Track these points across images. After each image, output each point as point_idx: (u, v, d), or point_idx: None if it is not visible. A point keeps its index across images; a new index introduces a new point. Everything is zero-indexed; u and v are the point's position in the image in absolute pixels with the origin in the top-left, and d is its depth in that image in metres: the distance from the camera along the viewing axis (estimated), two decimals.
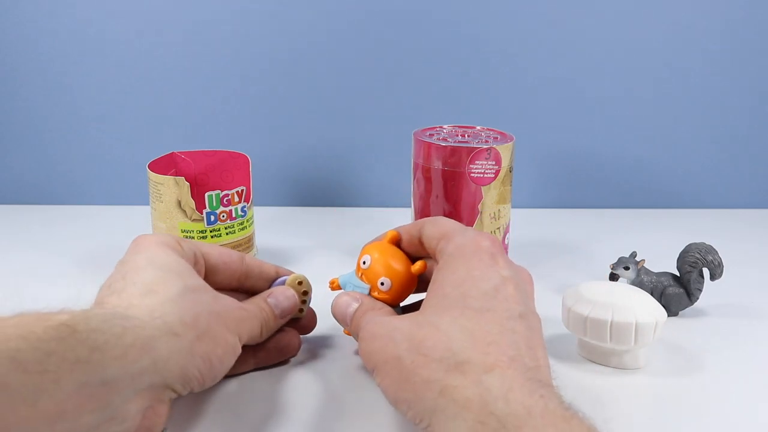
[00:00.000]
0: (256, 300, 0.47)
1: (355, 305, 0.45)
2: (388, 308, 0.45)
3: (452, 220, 0.45)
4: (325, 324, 0.53)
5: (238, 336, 0.43)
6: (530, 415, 0.32)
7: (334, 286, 0.50)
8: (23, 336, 0.30)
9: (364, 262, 0.48)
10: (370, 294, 0.48)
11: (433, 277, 0.41)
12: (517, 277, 0.39)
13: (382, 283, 0.47)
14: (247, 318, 0.44)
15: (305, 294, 0.51)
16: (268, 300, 0.48)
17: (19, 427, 0.29)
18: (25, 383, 0.29)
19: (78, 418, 0.31)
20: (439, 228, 0.43)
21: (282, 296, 0.48)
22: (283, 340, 0.50)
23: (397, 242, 0.48)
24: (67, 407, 0.31)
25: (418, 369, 0.35)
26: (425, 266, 0.47)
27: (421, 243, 0.45)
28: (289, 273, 0.52)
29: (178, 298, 0.39)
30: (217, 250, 0.48)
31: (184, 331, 0.38)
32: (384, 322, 0.39)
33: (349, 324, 0.45)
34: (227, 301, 0.44)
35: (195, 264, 0.46)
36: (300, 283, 0.51)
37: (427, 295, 0.40)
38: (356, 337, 0.44)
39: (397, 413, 0.44)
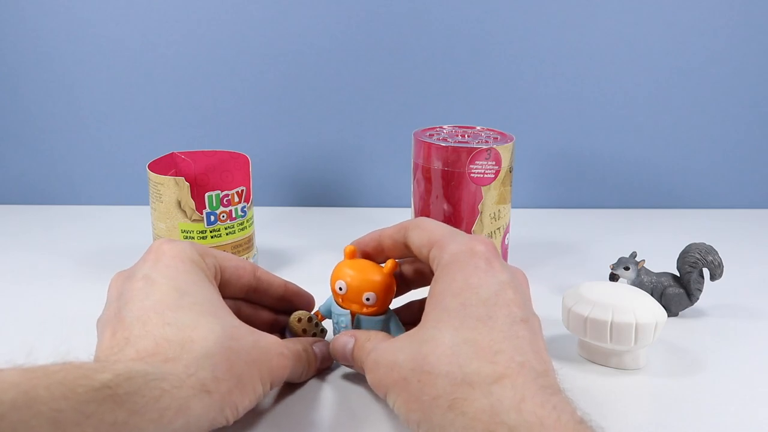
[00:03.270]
0: (301, 344, 0.47)
1: (351, 342, 0.45)
2: (383, 334, 0.45)
3: (437, 223, 0.43)
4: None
5: (270, 383, 0.42)
6: (543, 426, 0.31)
7: (320, 317, 0.51)
8: (65, 396, 0.30)
9: (340, 288, 0.48)
10: (351, 316, 0.49)
11: (430, 288, 0.40)
12: (515, 281, 0.39)
13: (368, 299, 0.47)
14: (286, 366, 0.43)
15: (305, 331, 0.51)
16: (314, 347, 0.48)
17: None
18: None
19: None
20: (428, 234, 0.42)
21: (326, 346, 0.49)
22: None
23: (367, 254, 0.49)
24: None
25: (425, 387, 0.35)
26: (397, 264, 0.48)
27: (407, 247, 0.45)
28: (298, 290, 0.52)
29: (215, 350, 0.38)
30: (233, 263, 0.47)
31: (216, 387, 0.37)
32: (385, 348, 0.39)
33: (352, 361, 0.45)
34: (268, 344, 0.42)
35: (214, 278, 0.45)
36: (299, 320, 0.51)
37: (425, 309, 0.39)
38: (362, 370, 0.43)
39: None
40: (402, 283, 0.49)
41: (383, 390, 0.38)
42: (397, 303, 0.50)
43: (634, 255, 0.60)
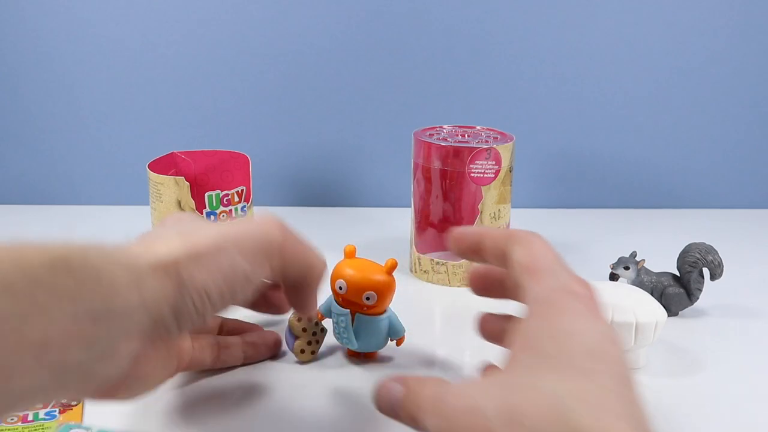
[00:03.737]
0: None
1: (400, 389, 0.37)
2: (438, 378, 0.37)
3: (546, 247, 0.38)
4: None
5: (255, 262, 0.38)
6: None
7: (320, 317, 0.51)
8: (17, 264, 0.30)
9: (340, 288, 0.48)
10: (351, 315, 0.48)
11: (521, 327, 0.35)
12: (613, 330, 0.34)
13: (368, 298, 0.47)
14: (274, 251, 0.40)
15: (305, 330, 0.51)
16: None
17: (6, 357, 0.28)
18: (12, 309, 0.29)
19: (65, 352, 0.30)
20: (530, 257, 0.37)
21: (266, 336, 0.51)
22: (270, 336, 0.51)
23: (464, 247, 0.43)
24: (54, 338, 0.30)
25: None
26: (396, 264, 0.48)
27: (504, 256, 0.39)
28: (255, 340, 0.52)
29: (188, 231, 0.37)
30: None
31: (176, 269, 0.35)
32: (460, 391, 0.33)
33: (400, 413, 0.37)
34: (254, 232, 0.40)
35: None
36: (299, 319, 0.51)
37: (514, 352, 0.34)
38: (415, 420, 0.36)
39: None
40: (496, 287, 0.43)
41: None
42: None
43: (634, 255, 0.60)
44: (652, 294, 0.59)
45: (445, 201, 0.64)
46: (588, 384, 0.31)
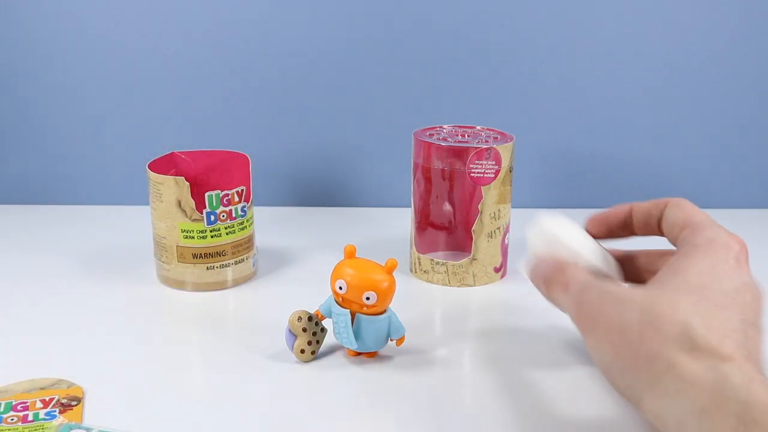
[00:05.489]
0: None
1: (552, 266, 0.45)
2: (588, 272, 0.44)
3: (697, 208, 0.44)
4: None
5: None
6: None
7: (320, 316, 0.51)
8: None
9: (340, 288, 0.48)
10: (351, 315, 0.49)
11: (672, 260, 0.40)
12: (757, 287, 0.39)
13: (368, 298, 0.47)
14: None
15: (305, 330, 0.51)
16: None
17: None
18: None
19: None
20: (687, 216, 0.43)
21: None
22: None
23: (608, 224, 0.49)
24: None
25: (647, 342, 0.35)
26: (397, 264, 0.48)
27: (658, 225, 0.45)
28: None
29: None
30: None
31: None
32: (614, 290, 0.39)
33: (539, 278, 0.46)
34: None
35: None
36: (299, 319, 0.51)
37: (662, 274, 0.39)
38: (549, 288, 0.44)
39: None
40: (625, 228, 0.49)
41: (590, 325, 0.39)
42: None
43: None
44: None
45: (445, 201, 0.64)
46: (718, 316, 0.35)
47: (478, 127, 0.69)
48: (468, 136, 0.66)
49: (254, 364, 0.51)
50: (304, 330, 0.50)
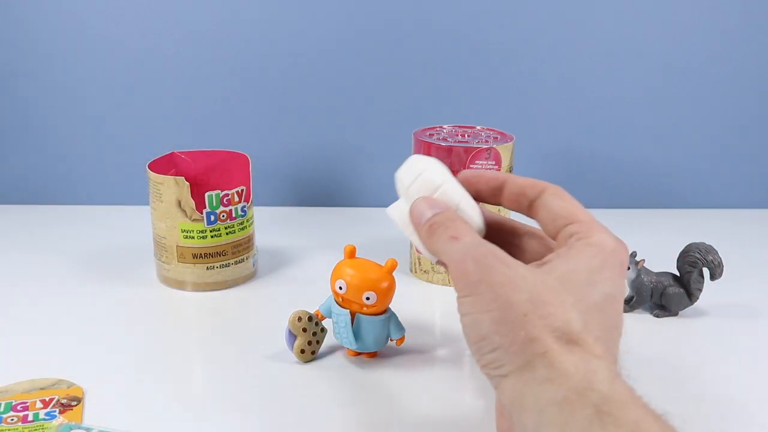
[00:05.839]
0: None
1: (429, 214, 0.41)
2: (469, 227, 0.41)
3: (576, 201, 0.43)
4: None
5: None
6: (634, 404, 0.33)
7: (320, 317, 0.51)
8: None
9: (340, 288, 0.48)
10: (351, 315, 0.49)
11: (563, 251, 0.40)
12: (623, 288, 0.40)
13: (368, 298, 0.48)
14: None
15: (305, 330, 0.51)
16: None
17: None
18: None
19: None
20: (571, 208, 0.42)
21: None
22: None
23: (478, 189, 0.44)
24: None
25: (529, 325, 0.35)
26: (396, 264, 0.48)
27: (531, 207, 0.44)
28: None
29: None
30: None
31: None
32: (509, 261, 0.38)
33: (423, 224, 0.41)
34: None
35: None
36: (299, 319, 0.51)
37: (552, 261, 0.39)
38: (433, 236, 0.41)
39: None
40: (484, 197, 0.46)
41: (472, 290, 0.37)
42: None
43: (634, 255, 0.60)
44: (652, 294, 0.59)
45: None
46: (596, 317, 0.37)
47: (478, 127, 0.69)
48: (468, 136, 0.66)
49: (254, 364, 0.51)
50: (304, 330, 0.50)
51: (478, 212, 0.42)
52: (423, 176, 0.42)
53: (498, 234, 0.46)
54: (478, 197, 0.45)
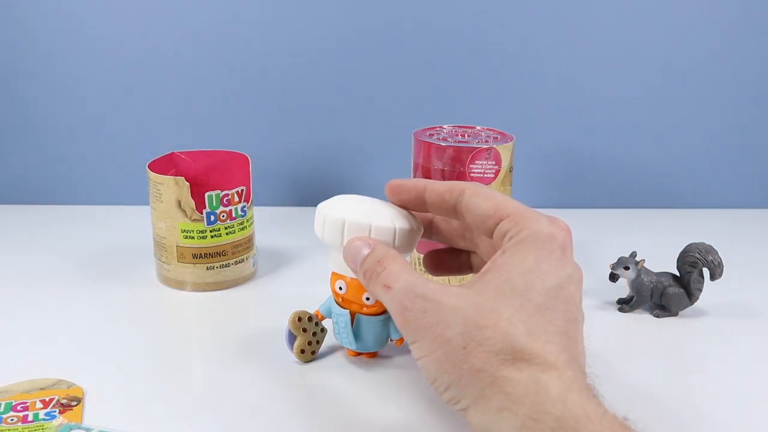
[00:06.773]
0: None
1: (366, 251, 0.42)
2: (405, 263, 0.41)
3: (500, 194, 0.41)
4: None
5: None
6: (589, 419, 0.32)
7: (320, 317, 0.51)
8: None
9: (340, 288, 0.48)
10: (351, 316, 0.49)
11: (497, 257, 0.38)
12: (577, 275, 0.38)
13: (368, 298, 0.47)
14: None
15: (305, 330, 0.51)
16: None
17: None
18: None
19: None
20: (496, 204, 0.40)
21: None
22: None
23: (403, 201, 0.47)
24: None
25: (470, 356, 0.34)
26: None
27: (456, 210, 0.43)
28: None
29: None
30: None
31: None
32: (436, 298, 0.37)
33: (359, 271, 0.42)
34: None
35: None
36: (299, 319, 0.51)
37: (486, 274, 0.38)
38: (370, 284, 0.41)
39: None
40: (429, 232, 0.48)
41: (415, 337, 0.37)
42: None
43: (634, 255, 0.60)
44: (652, 294, 0.59)
45: None
46: (540, 319, 0.35)
47: (478, 127, 0.69)
48: (468, 136, 0.66)
49: (254, 364, 0.51)
50: (304, 330, 0.50)
51: (394, 215, 0.44)
52: (328, 220, 0.44)
53: (456, 232, 0.47)
54: (405, 207, 0.46)
